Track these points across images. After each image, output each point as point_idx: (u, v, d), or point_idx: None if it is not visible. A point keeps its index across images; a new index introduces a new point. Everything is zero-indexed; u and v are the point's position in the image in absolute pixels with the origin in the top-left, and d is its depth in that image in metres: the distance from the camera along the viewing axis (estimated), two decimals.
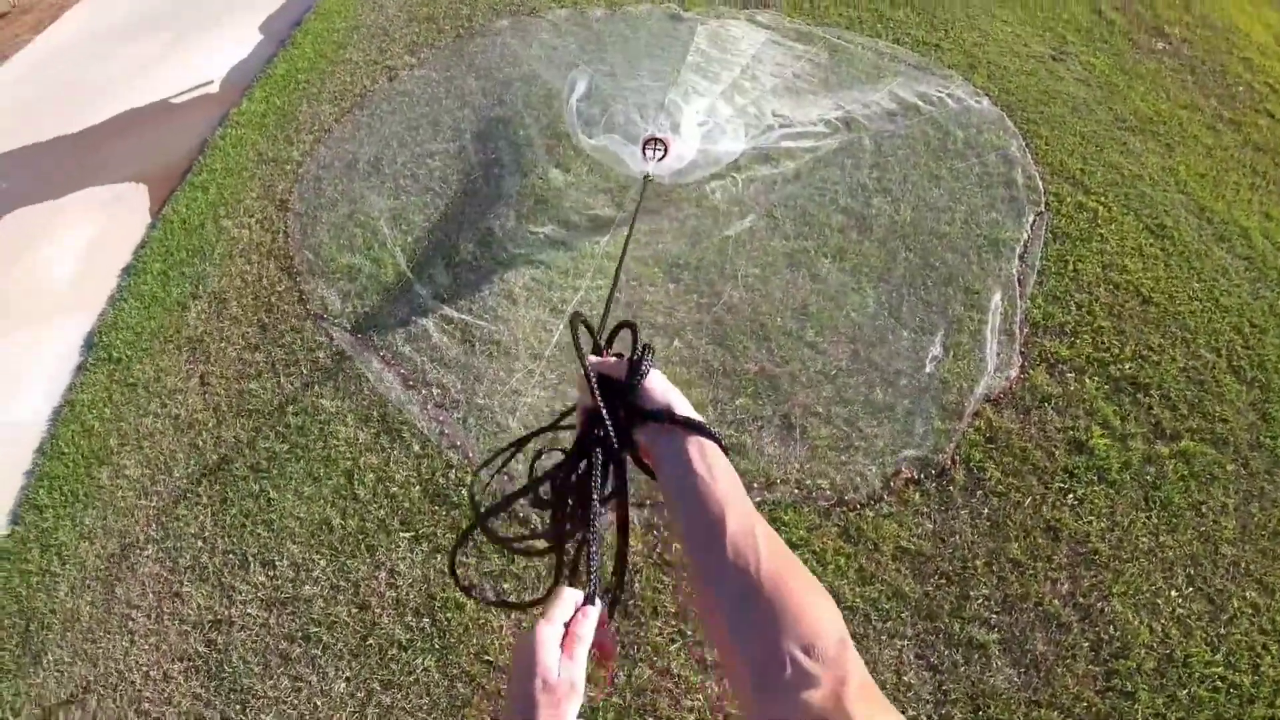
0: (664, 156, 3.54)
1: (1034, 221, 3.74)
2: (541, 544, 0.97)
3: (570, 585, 0.83)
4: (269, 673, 2.62)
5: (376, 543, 2.83)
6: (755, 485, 2.79)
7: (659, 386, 0.91)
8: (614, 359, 0.97)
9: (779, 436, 2.92)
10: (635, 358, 0.93)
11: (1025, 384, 3.13)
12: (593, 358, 0.99)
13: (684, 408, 0.88)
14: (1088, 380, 3.15)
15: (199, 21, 6.08)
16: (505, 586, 2.67)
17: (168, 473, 3.13)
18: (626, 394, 0.90)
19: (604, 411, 0.89)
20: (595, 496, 0.88)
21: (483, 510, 0.99)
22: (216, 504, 3.02)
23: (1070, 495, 2.84)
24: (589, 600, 0.81)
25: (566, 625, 0.78)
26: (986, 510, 2.79)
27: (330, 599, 2.73)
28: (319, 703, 2.55)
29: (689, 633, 2.54)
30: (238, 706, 2.58)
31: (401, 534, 2.84)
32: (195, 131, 4.87)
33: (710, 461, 0.80)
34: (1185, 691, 2.42)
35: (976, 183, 3.87)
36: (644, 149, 3.58)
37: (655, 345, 3.26)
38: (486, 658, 2.55)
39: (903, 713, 2.45)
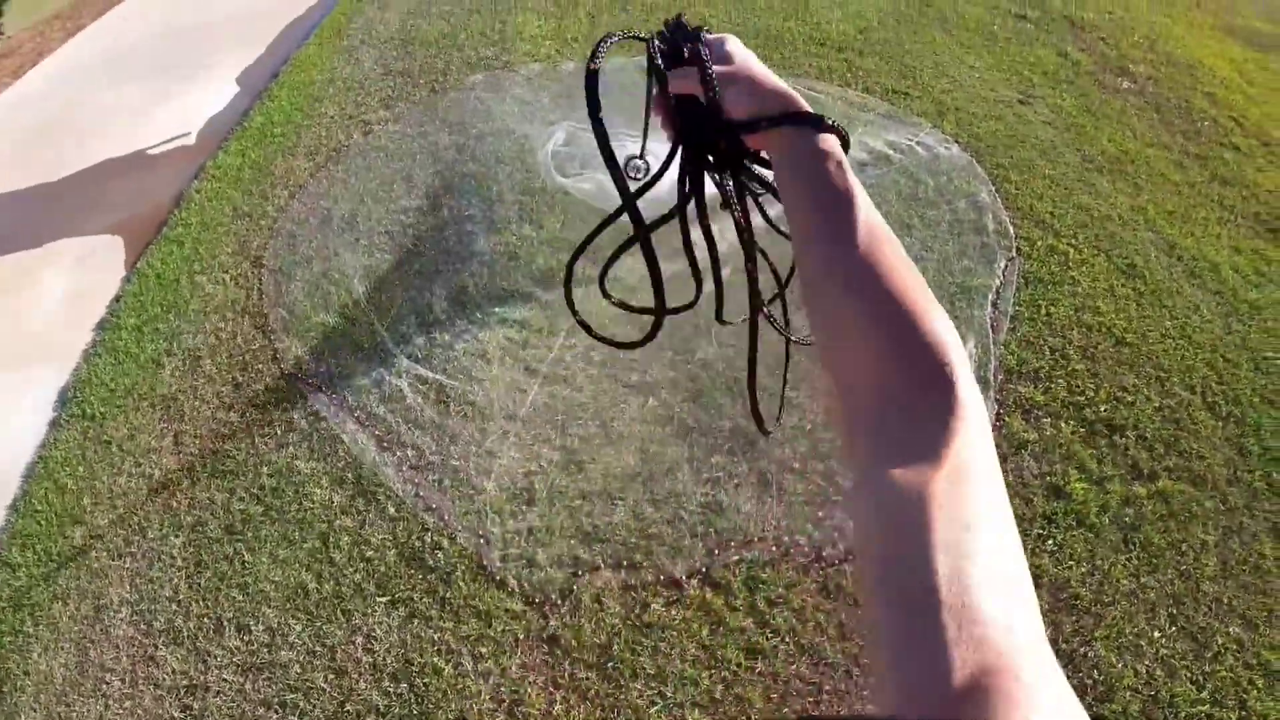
0: (646, 173, 3.62)
1: (1005, 267, 3.82)
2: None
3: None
4: None
5: (353, 607, 2.84)
6: (732, 544, 2.83)
7: (743, 74, 0.74)
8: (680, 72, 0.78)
9: (755, 493, 2.95)
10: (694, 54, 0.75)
11: (1001, 431, 3.18)
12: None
13: (774, 89, 0.73)
14: (1063, 425, 3.20)
15: (177, 71, 6.18)
16: (483, 650, 2.68)
17: (142, 534, 3.14)
18: (709, 111, 0.73)
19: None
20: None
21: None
22: (191, 566, 3.02)
23: (1049, 541, 2.87)
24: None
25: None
26: None
27: (306, 664, 2.73)
28: None
29: (669, 694, 2.55)
30: None
31: (378, 598, 2.85)
32: (172, 183, 4.93)
33: (833, 153, 0.68)
34: None
35: (948, 230, 3.96)
36: (625, 167, 3.66)
37: (630, 404, 3.30)
38: None
39: None
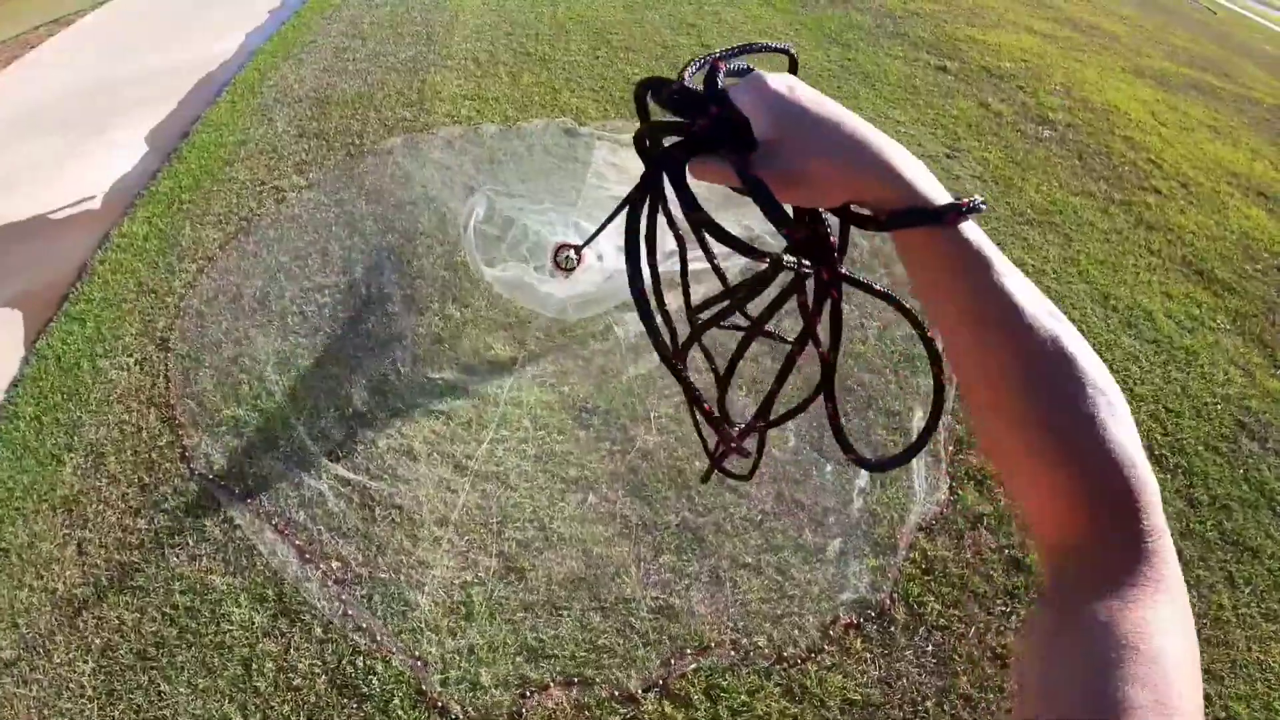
0: (577, 266, 3.55)
1: None
2: None
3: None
4: None
5: None
6: (688, 651, 2.79)
7: (838, 151, 0.60)
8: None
9: (709, 593, 2.94)
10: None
11: (955, 506, 3.25)
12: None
13: (894, 173, 0.60)
14: None
15: (83, 129, 6.04)
16: None
17: (47, 657, 2.89)
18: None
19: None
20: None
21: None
22: (103, 696, 2.79)
23: (1014, 617, 2.92)
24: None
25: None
26: (931, 646, 2.85)
27: None
28: None
29: None
30: None
31: None
32: (75, 251, 4.74)
33: (975, 246, 0.61)
34: None
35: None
36: (555, 256, 3.58)
37: (569, 501, 3.26)
38: None
39: None
